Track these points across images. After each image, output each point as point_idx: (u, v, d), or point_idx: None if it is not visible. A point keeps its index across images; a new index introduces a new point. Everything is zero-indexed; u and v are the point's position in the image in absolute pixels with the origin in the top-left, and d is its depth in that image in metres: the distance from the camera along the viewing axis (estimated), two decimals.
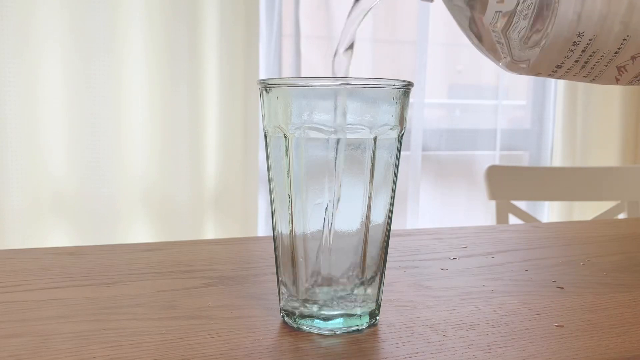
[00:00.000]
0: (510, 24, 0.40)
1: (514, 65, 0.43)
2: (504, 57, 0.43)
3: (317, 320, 0.37)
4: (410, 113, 1.72)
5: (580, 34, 0.38)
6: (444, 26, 1.80)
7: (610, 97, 1.83)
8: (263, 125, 0.38)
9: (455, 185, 1.89)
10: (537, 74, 0.42)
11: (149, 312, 0.40)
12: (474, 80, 1.92)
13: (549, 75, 0.42)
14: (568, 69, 0.41)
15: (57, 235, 1.40)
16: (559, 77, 0.42)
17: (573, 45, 0.39)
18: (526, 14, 0.39)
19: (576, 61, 0.40)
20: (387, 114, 0.36)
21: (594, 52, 0.39)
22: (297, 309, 0.37)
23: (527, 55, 0.41)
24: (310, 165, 0.36)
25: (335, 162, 0.35)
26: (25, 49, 1.31)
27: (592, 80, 0.42)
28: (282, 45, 1.63)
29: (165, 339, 0.36)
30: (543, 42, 0.39)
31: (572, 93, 1.81)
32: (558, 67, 0.41)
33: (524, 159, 1.94)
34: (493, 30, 0.42)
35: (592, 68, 0.40)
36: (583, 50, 0.39)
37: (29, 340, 0.35)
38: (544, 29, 0.39)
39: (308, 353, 0.34)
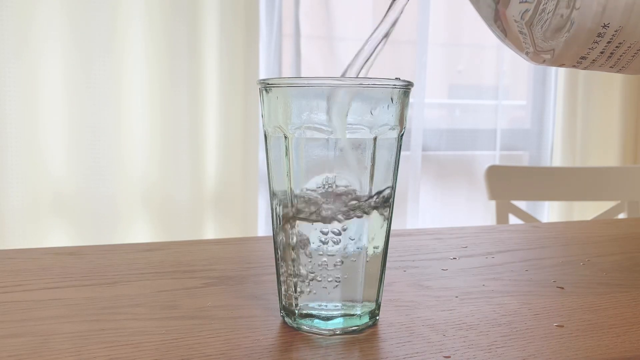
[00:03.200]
0: (535, 16, 0.40)
1: (538, 56, 0.42)
2: (527, 48, 0.42)
3: (317, 320, 0.37)
4: (410, 113, 1.72)
5: (605, 25, 0.37)
6: (444, 26, 1.81)
7: (610, 97, 1.83)
8: (263, 126, 0.38)
9: (455, 185, 1.89)
10: (561, 65, 0.41)
11: (149, 312, 0.40)
12: (474, 80, 1.92)
13: (574, 66, 0.41)
14: (593, 60, 0.40)
15: (57, 235, 1.40)
16: (584, 68, 0.42)
17: (598, 36, 0.38)
18: (549, 6, 0.39)
19: (602, 52, 0.39)
20: (387, 114, 0.36)
21: (620, 44, 0.38)
22: (297, 308, 0.37)
23: (550, 46, 0.40)
24: (310, 165, 0.36)
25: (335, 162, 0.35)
26: (26, 49, 1.31)
27: (619, 71, 0.41)
28: (282, 45, 1.63)
29: (165, 339, 0.36)
30: (566, 34, 0.39)
31: (572, 93, 1.81)
32: (583, 58, 0.40)
33: (524, 159, 1.94)
34: (516, 21, 0.41)
35: (618, 59, 0.40)
36: (609, 42, 0.38)
37: (29, 340, 0.35)
38: (567, 20, 0.38)
39: (308, 353, 0.34)
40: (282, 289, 0.38)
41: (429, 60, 1.76)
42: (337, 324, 0.37)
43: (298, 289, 0.37)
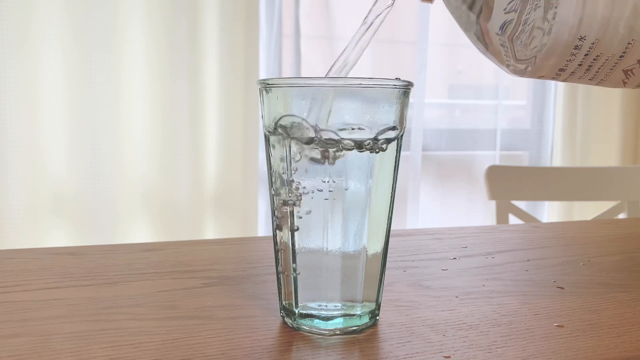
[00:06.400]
0: (518, 28, 0.40)
1: (518, 68, 0.42)
2: (507, 60, 0.43)
3: (317, 320, 0.37)
4: (410, 113, 1.72)
5: (581, 38, 0.38)
6: (444, 26, 1.81)
7: (610, 97, 1.83)
8: (263, 126, 0.38)
9: (455, 185, 1.89)
10: (541, 77, 0.42)
11: (149, 312, 0.40)
12: (474, 80, 1.92)
13: (553, 78, 0.42)
14: (572, 72, 0.40)
15: (57, 235, 1.40)
16: (564, 80, 0.42)
17: (575, 49, 0.38)
18: (532, 16, 0.39)
19: (579, 65, 0.40)
20: (387, 114, 0.36)
21: (597, 56, 0.39)
22: (297, 308, 0.37)
23: (530, 57, 0.41)
24: (310, 165, 0.36)
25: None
26: (25, 49, 1.31)
27: (599, 83, 0.42)
28: (282, 45, 1.63)
29: (165, 339, 0.36)
30: (544, 45, 0.39)
31: (572, 93, 1.81)
32: (561, 70, 0.40)
33: (524, 159, 1.94)
34: (497, 34, 0.42)
35: (597, 71, 0.40)
36: (586, 54, 0.39)
37: (29, 340, 0.35)
38: (546, 32, 0.38)
39: (308, 353, 0.34)
40: (282, 289, 0.38)
41: (429, 60, 1.76)
42: (337, 324, 0.37)
43: (298, 289, 0.37)
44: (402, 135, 0.37)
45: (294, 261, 0.37)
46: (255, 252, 0.58)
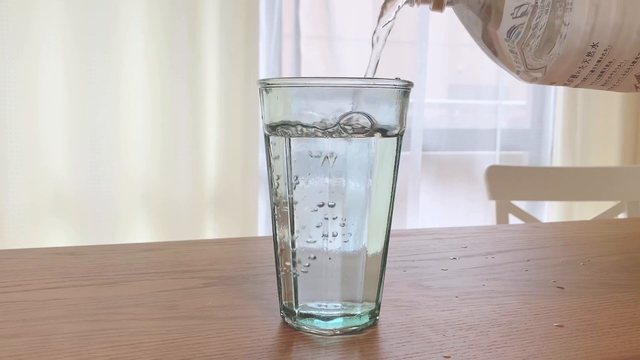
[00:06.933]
0: (527, 34, 0.40)
1: (529, 75, 0.42)
2: (518, 67, 0.43)
3: (317, 320, 0.37)
4: (410, 113, 1.72)
5: (594, 45, 0.38)
6: (444, 26, 1.81)
7: (610, 97, 1.83)
8: (263, 126, 0.38)
9: (455, 185, 1.89)
10: (552, 83, 0.42)
11: (149, 312, 0.40)
12: (474, 80, 1.92)
13: (565, 85, 0.42)
14: (584, 79, 0.40)
15: (57, 235, 1.40)
16: (576, 86, 0.42)
17: (587, 55, 0.38)
18: (539, 26, 0.39)
19: (592, 71, 0.40)
20: (387, 114, 0.36)
21: (610, 62, 0.39)
22: (297, 308, 0.37)
23: (541, 65, 0.40)
24: (310, 165, 0.36)
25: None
26: (25, 48, 1.31)
27: (611, 89, 0.42)
28: (282, 45, 1.63)
29: (165, 339, 0.36)
30: (556, 53, 0.39)
31: (572, 93, 1.81)
32: (573, 76, 0.40)
33: (524, 159, 1.94)
34: (506, 40, 0.42)
35: (609, 77, 0.40)
36: (599, 61, 0.39)
37: (29, 340, 0.35)
38: (556, 40, 0.38)
39: (308, 353, 0.34)
40: (282, 289, 0.38)
41: (429, 60, 1.76)
42: (337, 324, 0.37)
43: (298, 289, 0.37)
44: (402, 135, 0.37)
45: (294, 261, 0.37)
46: (255, 252, 0.58)
